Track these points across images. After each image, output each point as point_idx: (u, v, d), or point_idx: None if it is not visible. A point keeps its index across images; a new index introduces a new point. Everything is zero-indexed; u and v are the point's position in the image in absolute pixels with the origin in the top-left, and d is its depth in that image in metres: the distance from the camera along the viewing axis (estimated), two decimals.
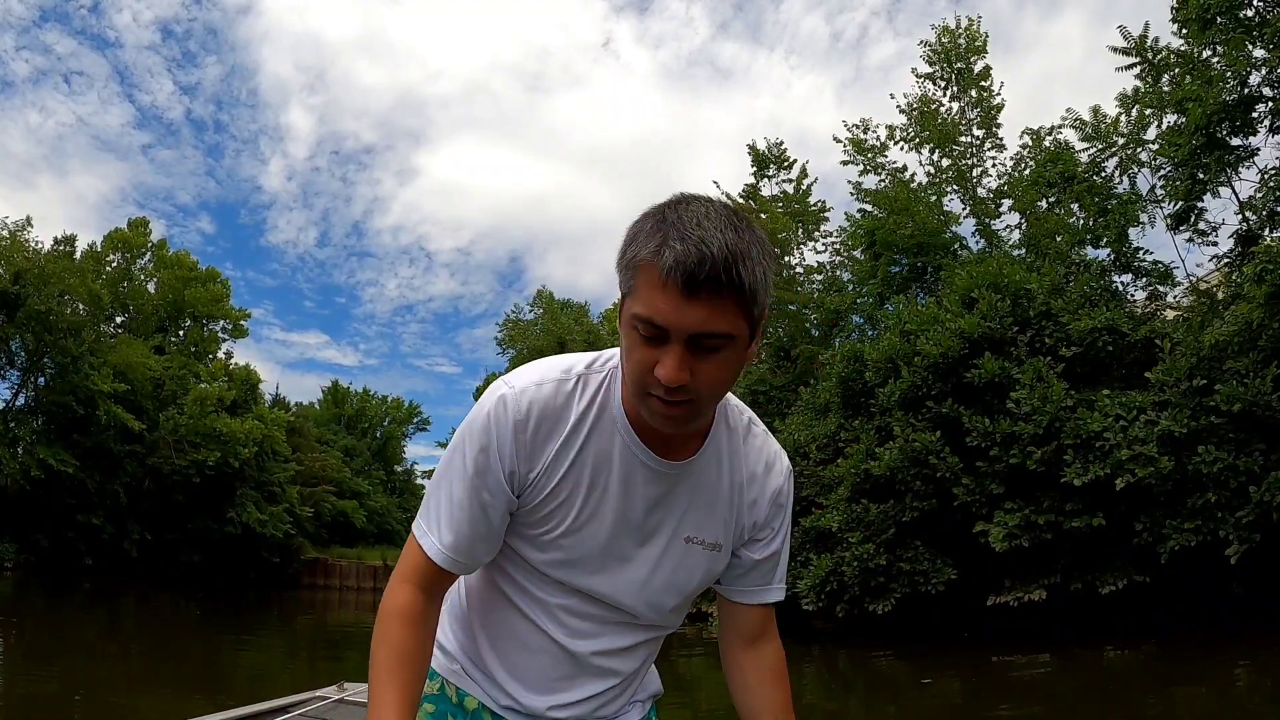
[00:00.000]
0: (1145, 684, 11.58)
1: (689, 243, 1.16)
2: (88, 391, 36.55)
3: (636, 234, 1.24)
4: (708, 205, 1.23)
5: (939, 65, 21.38)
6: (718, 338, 1.22)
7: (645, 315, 1.21)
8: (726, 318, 1.20)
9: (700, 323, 1.19)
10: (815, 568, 16.39)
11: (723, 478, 1.52)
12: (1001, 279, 16.17)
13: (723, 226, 1.18)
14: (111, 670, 13.88)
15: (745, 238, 1.19)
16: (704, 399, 1.29)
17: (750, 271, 1.18)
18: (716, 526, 1.53)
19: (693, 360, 1.23)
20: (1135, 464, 13.15)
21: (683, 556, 1.52)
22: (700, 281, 1.16)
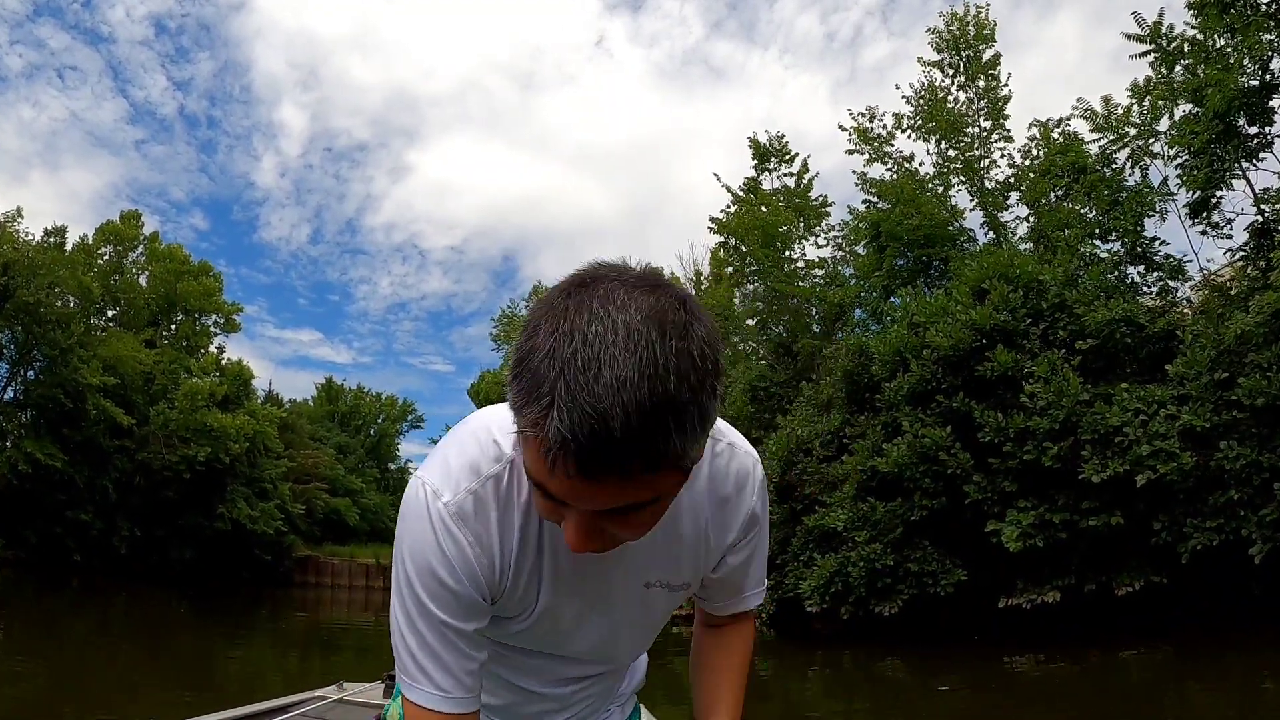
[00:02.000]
0: (1163, 688, 11.20)
1: (581, 408, 0.85)
2: (77, 385, 36.22)
3: (521, 362, 0.91)
4: (620, 314, 0.89)
5: (947, 52, 20.91)
6: (634, 508, 0.97)
7: (536, 480, 0.97)
8: (645, 488, 0.94)
9: (608, 500, 0.95)
10: (819, 568, 15.89)
11: (686, 517, 1.30)
12: (1013, 270, 15.69)
13: (636, 370, 0.85)
14: (101, 669, 13.62)
15: (672, 379, 0.87)
16: (645, 533, 1.07)
17: (679, 432, 0.89)
18: (682, 568, 1.36)
19: (605, 521, 1.00)
20: (1156, 460, 12.67)
21: (645, 602, 1.37)
22: (602, 465, 0.88)
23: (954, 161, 20.78)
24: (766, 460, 19.58)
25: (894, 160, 21.47)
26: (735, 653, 1.56)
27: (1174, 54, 17.16)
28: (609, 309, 0.89)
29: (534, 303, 0.98)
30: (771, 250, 25.00)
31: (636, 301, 0.90)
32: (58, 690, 11.07)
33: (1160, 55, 17.41)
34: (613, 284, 0.92)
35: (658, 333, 0.88)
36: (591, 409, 0.84)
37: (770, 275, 24.90)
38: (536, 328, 0.91)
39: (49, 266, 35.99)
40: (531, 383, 0.88)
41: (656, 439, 0.87)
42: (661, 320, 0.89)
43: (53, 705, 9.98)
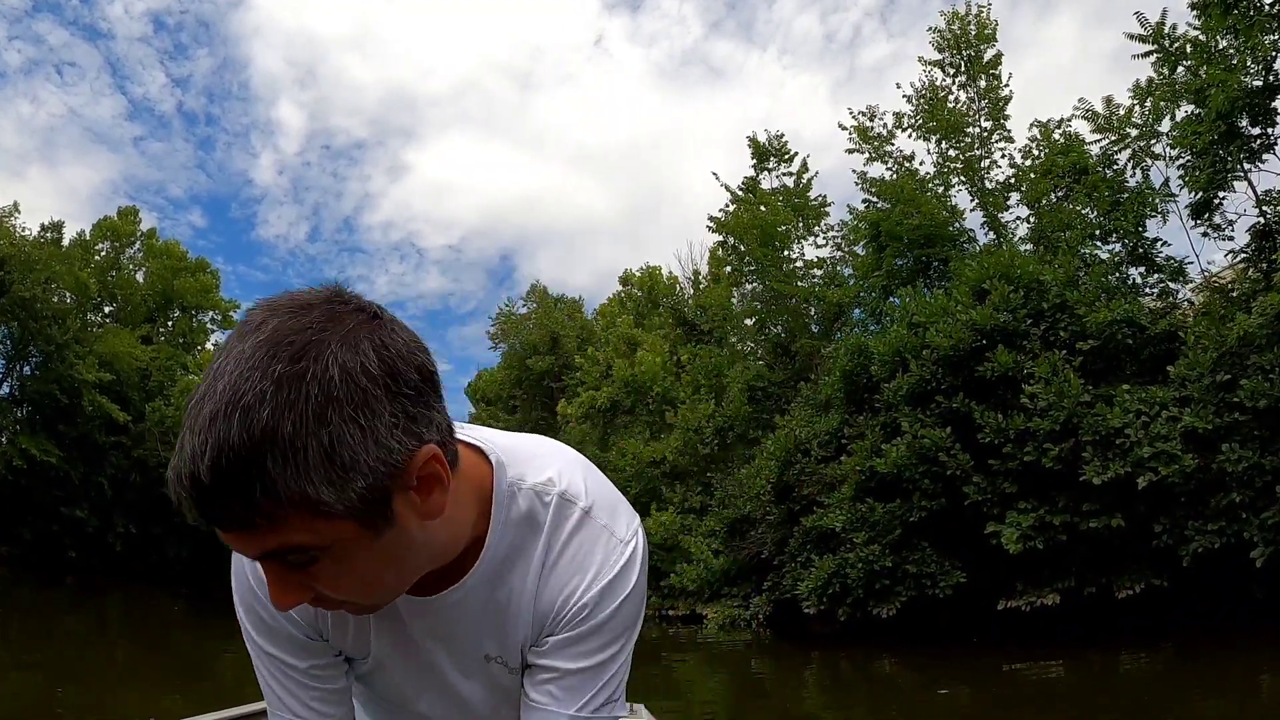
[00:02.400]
0: (1164, 691, 11.07)
1: (180, 455, 0.79)
2: (72, 381, 35.99)
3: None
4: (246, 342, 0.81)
5: (948, 51, 20.78)
6: (292, 552, 0.85)
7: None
8: (282, 534, 0.83)
9: (254, 547, 0.85)
10: (817, 569, 15.78)
11: (506, 582, 1.14)
12: (1014, 270, 15.58)
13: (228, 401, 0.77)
14: (96, 667, 13.61)
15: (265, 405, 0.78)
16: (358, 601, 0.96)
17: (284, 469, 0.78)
18: (513, 645, 1.18)
19: (296, 573, 0.88)
20: (1158, 462, 12.56)
21: (491, 678, 1.22)
22: (211, 510, 0.80)
23: (954, 161, 20.65)
24: (765, 460, 19.48)
25: (894, 159, 21.32)
26: None
27: (1176, 55, 17.07)
28: (239, 339, 0.82)
29: None
30: (770, 250, 24.89)
31: (272, 325, 0.82)
32: (53, 689, 10.97)
33: (1162, 56, 17.33)
34: (264, 311, 0.84)
35: (267, 357, 0.79)
36: (189, 448, 0.78)
37: (769, 275, 24.78)
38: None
39: (45, 262, 35.75)
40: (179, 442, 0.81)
41: (250, 479, 0.78)
42: (278, 343, 0.80)
43: (48, 704, 9.91)
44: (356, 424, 0.81)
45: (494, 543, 1.10)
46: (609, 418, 32.32)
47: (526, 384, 41.43)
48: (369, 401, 0.82)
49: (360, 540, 0.87)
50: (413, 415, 0.87)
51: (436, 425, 0.92)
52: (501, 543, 1.10)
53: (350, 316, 0.85)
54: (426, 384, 0.91)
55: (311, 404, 0.79)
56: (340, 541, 0.86)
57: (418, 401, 0.88)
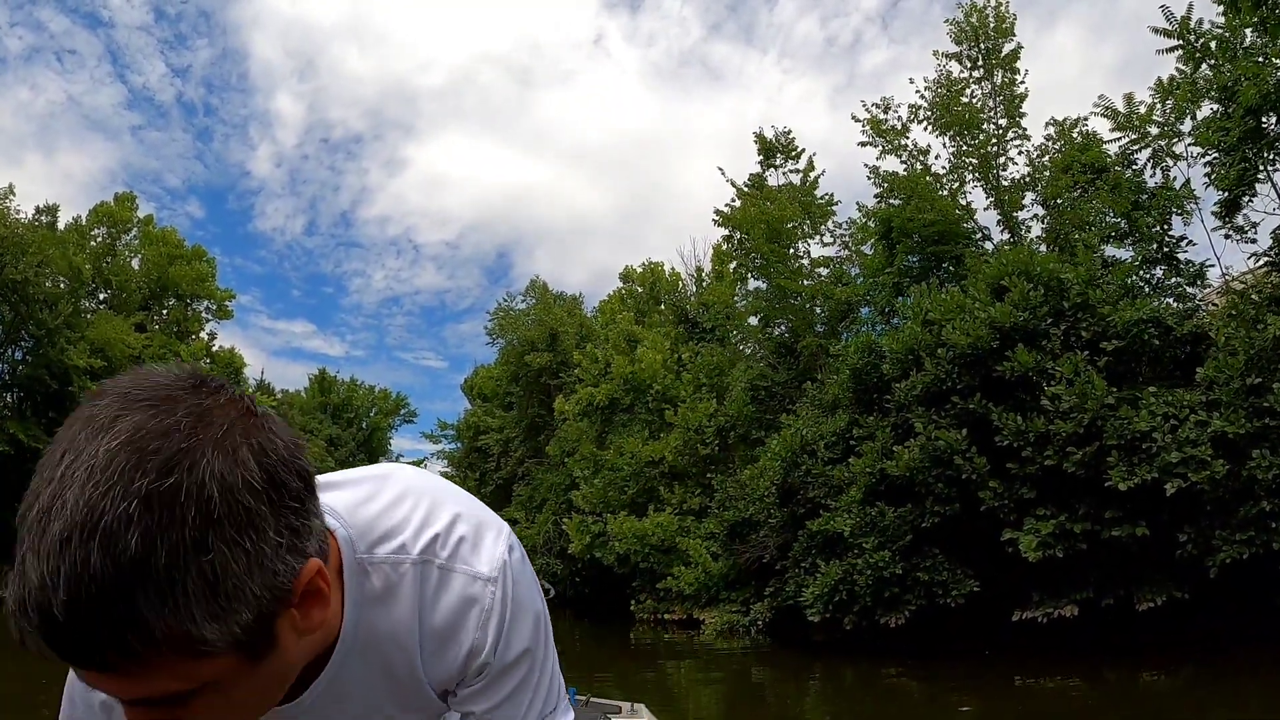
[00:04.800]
0: (1184, 708, 10.63)
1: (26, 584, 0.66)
2: (63, 366, 35.60)
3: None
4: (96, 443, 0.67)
5: (966, 44, 20.26)
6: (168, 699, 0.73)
7: None
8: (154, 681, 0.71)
9: (124, 692, 0.73)
10: (823, 576, 15.21)
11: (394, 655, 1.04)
12: (1033, 267, 15.00)
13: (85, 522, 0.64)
14: None
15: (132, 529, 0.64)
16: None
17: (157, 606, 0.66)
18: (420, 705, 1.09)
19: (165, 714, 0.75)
20: (1186, 467, 11.96)
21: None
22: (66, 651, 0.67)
23: (969, 156, 20.14)
24: (769, 461, 18.94)
25: (908, 153, 20.80)
26: None
27: (1201, 51, 16.60)
28: (89, 438, 0.67)
29: None
30: (776, 246, 24.38)
31: (126, 423, 0.68)
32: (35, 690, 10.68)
33: (1187, 51, 16.85)
34: (112, 399, 0.70)
35: (129, 468, 0.65)
36: (35, 576, 0.64)
37: (775, 271, 24.27)
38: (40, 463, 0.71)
39: (38, 245, 35.39)
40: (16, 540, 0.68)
41: (117, 618, 0.65)
42: (141, 449, 0.66)
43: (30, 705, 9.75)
44: (241, 548, 0.70)
45: (348, 631, 0.99)
46: (607, 415, 31.79)
47: (524, 380, 40.92)
48: (253, 521, 0.71)
49: (240, 671, 0.77)
50: (296, 529, 0.77)
51: (316, 534, 0.82)
52: (358, 627, 1.01)
53: (221, 414, 0.73)
54: (307, 490, 0.80)
55: (188, 528, 0.66)
56: (218, 678, 0.75)
57: (300, 513, 0.78)
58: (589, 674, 12.45)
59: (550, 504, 34.37)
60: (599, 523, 26.97)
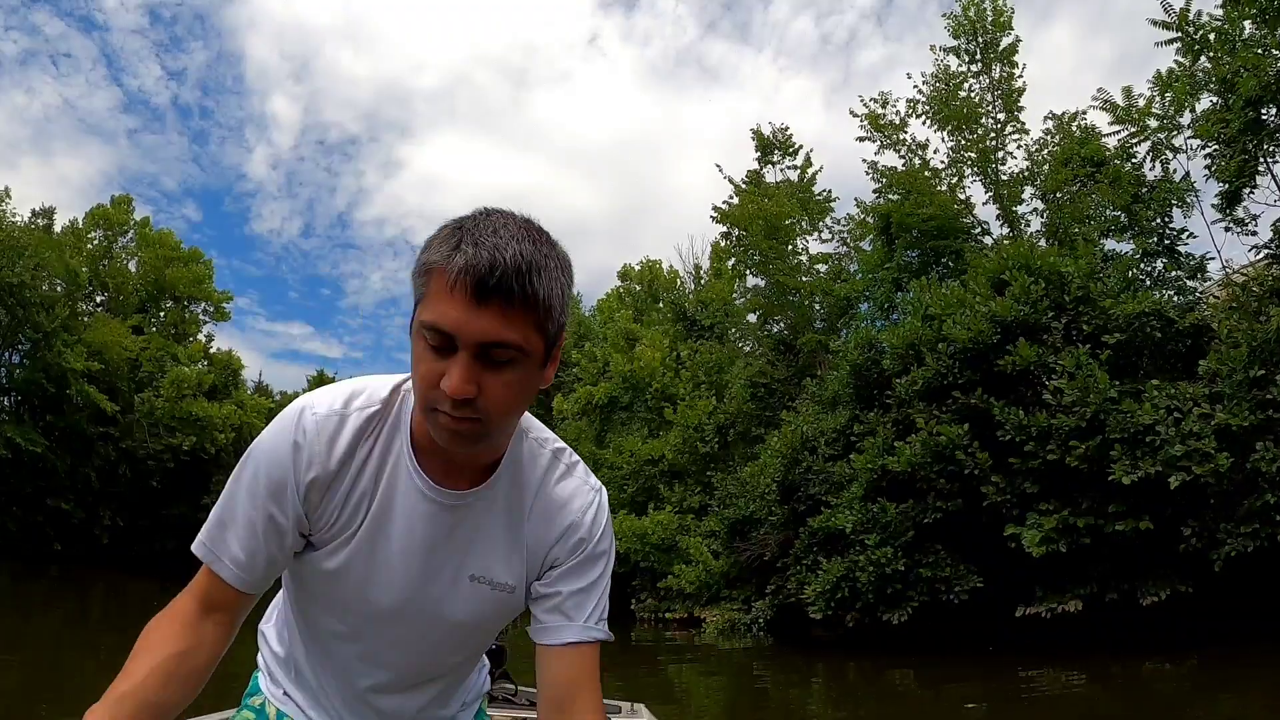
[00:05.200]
0: (1189, 703, 10.47)
1: (482, 248, 1.13)
2: (60, 370, 35.49)
3: (431, 241, 1.20)
4: (509, 217, 1.21)
5: (963, 37, 20.19)
6: (507, 348, 1.16)
7: (432, 322, 1.16)
8: (517, 328, 1.16)
9: (489, 331, 1.14)
10: (825, 573, 15.09)
11: (514, 512, 1.43)
12: (1034, 261, 14.91)
13: (520, 237, 1.16)
14: (79, 663, 13.00)
15: (543, 251, 1.18)
16: (492, 418, 1.21)
17: (545, 283, 1.16)
18: (508, 566, 1.43)
19: (481, 373, 1.17)
20: (1191, 460, 11.86)
21: (469, 597, 1.42)
22: (490, 288, 1.12)
23: (969, 149, 20.06)
24: (769, 458, 18.88)
25: (907, 147, 20.73)
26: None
27: (1200, 43, 16.52)
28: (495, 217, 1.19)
29: None
30: (775, 242, 24.31)
31: (517, 219, 1.20)
32: (33, 685, 10.69)
33: (1186, 44, 16.77)
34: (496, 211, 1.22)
35: (536, 230, 1.20)
36: (492, 245, 1.12)
37: (773, 268, 24.20)
38: (440, 230, 1.21)
39: (35, 248, 35.26)
40: (441, 237, 1.17)
41: (532, 277, 1.13)
42: (537, 228, 1.21)
43: (27, 701, 9.55)
44: (569, 288, 1.23)
45: (509, 462, 1.40)
46: (606, 414, 31.71)
47: None
48: (569, 282, 1.23)
49: (533, 360, 1.20)
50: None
51: None
52: (513, 464, 1.41)
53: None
54: None
55: (557, 260, 1.19)
56: (532, 354, 1.19)
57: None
58: None
59: None
60: None
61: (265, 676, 1.64)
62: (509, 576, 1.42)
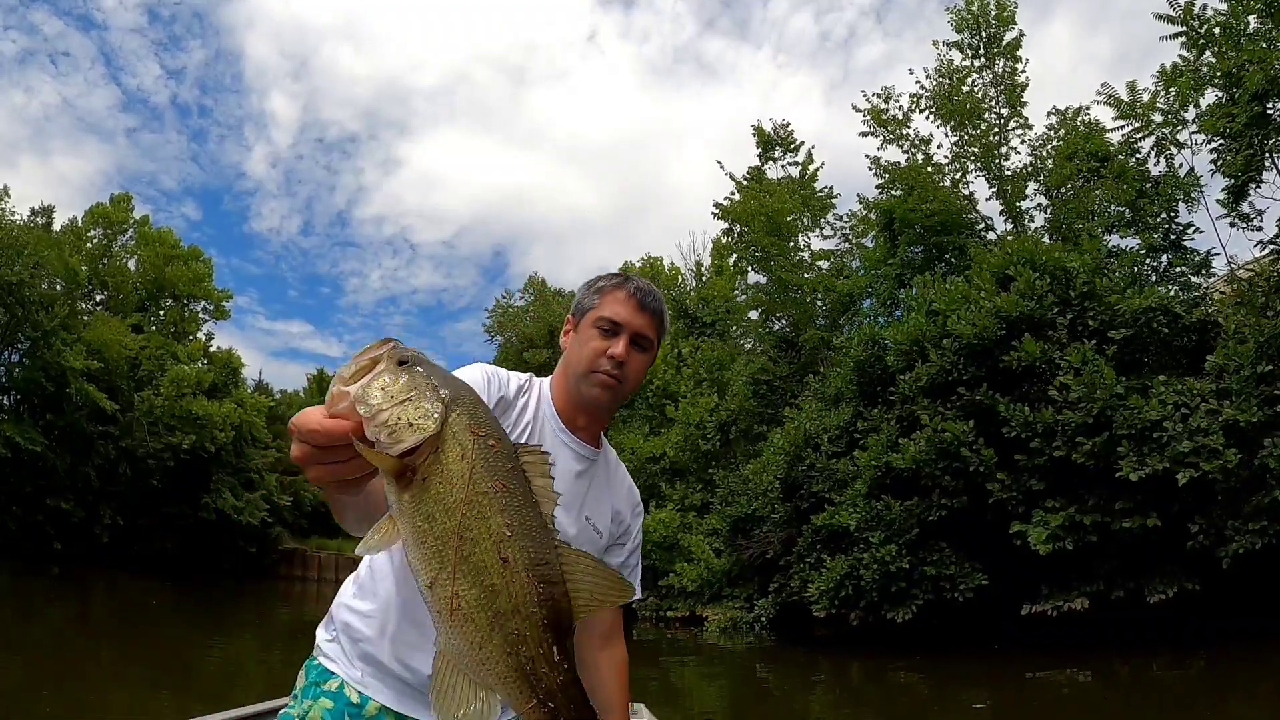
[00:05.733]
0: (1198, 702, 10.42)
1: (643, 285, 1.99)
2: (59, 368, 35.30)
3: (598, 279, 2.02)
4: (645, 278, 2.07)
5: (967, 32, 20.05)
6: (648, 339, 1.97)
7: (609, 316, 1.93)
8: (654, 331, 1.98)
9: (643, 326, 1.95)
10: (829, 571, 14.98)
11: (613, 475, 2.10)
12: (1039, 257, 14.78)
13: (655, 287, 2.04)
14: (80, 662, 13.17)
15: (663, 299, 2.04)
16: (628, 383, 1.94)
17: (666, 314, 2.02)
18: (605, 514, 2.04)
19: (630, 352, 1.93)
20: (1199, 457, 11.73)
21: (579, 532, 1.95)
22: (647, 304, 1.95)
23: (972, 144, 19.92)
24: (772, 455, 18.80)
25: (910, 143, 20.59)
26: (623, 672, 2.14)
27: (1205, 37, 16.41)
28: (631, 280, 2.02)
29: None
30: (777, 239, 24.19)
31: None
32: (33, 684, 10.68)
33: (1190, 38, 16.65)
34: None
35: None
36: (645, 285, 2.00)
37: (775, 264, 24.07)
38: (602, 275, 2.04)
39: (34, 246, 35.08)
40: (611, 277, 2.01)
41: (663, 307, 2.00)
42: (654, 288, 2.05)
43: (28, 700, 9.60)
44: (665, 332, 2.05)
45: (604, 441, 2.09)
46: None
47: None
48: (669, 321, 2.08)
49: (651, 357, 2.00)
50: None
51: None
52: (607, 440, 2.12)
53: None
54: None
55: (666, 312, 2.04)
56: (652, 351, 1.99)
57: None
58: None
59: None
60: None
61: (342, 660, 1.84)
62: (603, 524, 2.02)
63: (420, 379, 1.07)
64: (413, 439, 1.02)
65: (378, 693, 1.79)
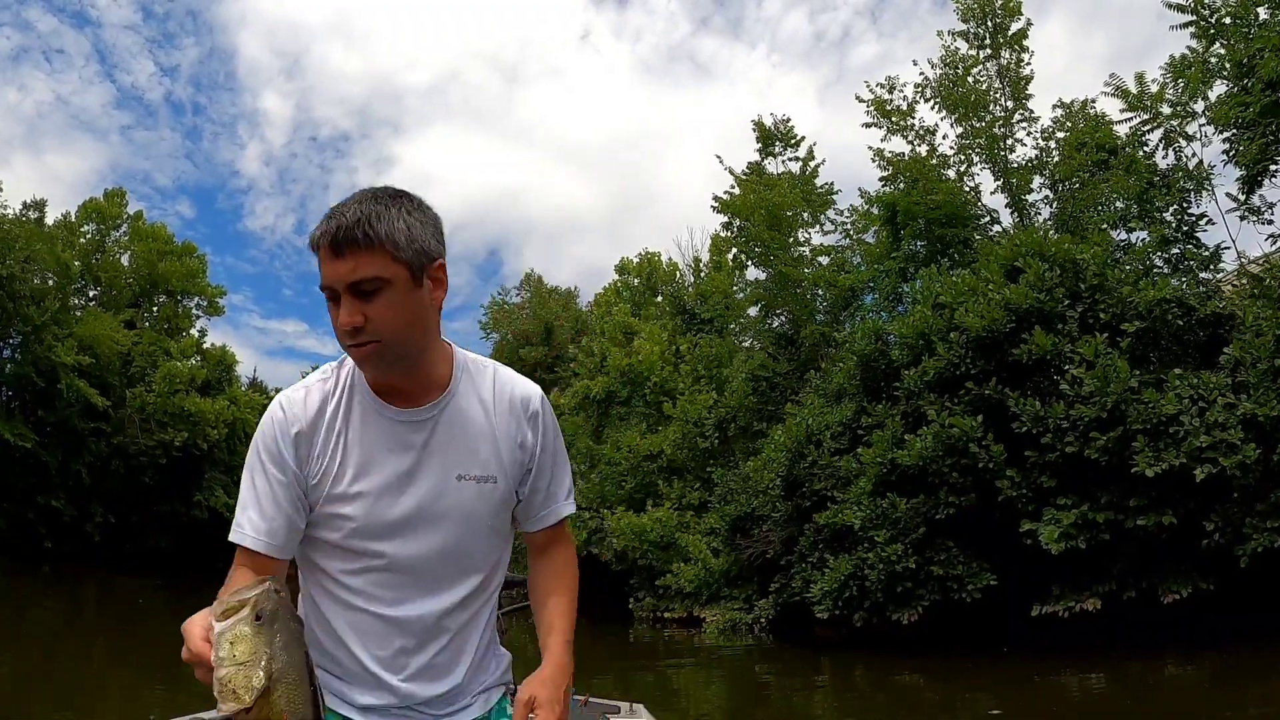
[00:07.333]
0: (1213, 704, 10.12)
1: (330, 218, 1.57)
2: (50, 363, 35.00)
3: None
4: (363, 191, 1.62)
5: (972, 21, 19.74)
6: (371, 281, 1.56)
7: (322, 280, 1.59)
8: (373, 265, 1.55)
9: (349, 273, 1.55)
10: (833, 571, 14.62)
11: (479, 416, 1.77)
12: (1048, 248, 14.44)
13: (363, 200, 1.58)
14: (72, 660, 13.27)
15: (383, 204, 1.58)
16: (387, 338, 1.59)
17: (385, 225, 1.55)
18: (485, 460, 1.75)
19: (362, 306, 1.56)
20: (1216, 452, 11.39)
21: (458, 494, 1.72)
22: (340, 241, 1.54)
23: (978, 135, 19.60)
24: (773, 452, 18.45)
25: (915, 133, 20.27)
26: (563, 575, 1.94)
27: (1216, 27, 16.12)
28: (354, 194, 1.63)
29: None
30: (777, 234, 23.86)
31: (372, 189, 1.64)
32: (24, 683, 10.72)
33: (1201, 28, 16.37)
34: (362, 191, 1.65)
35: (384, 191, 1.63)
36: (338, 213, 1.58)
37: (776, 259, 23.74)
38: None
39: (26, 240, 34.80)
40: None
41: (369, 225, 1.54)
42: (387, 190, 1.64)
43: (19, 699, 9.61)
44: (420, 220, 1.62)
45: (459, 378, 1.78)
46: (604, 409, 31.20)
47: None
48: (423, 219, 1.64)
49: (400, 284, 1.58)
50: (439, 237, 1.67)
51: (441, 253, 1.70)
52: (465, 379, 1.79)
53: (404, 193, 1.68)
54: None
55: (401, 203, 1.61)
56: (396, 280, 1.57)
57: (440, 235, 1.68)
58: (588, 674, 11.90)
59: None
60: (596, 518, 26.40)
61: None
62: (489, 469, 1.75)
63: (262, 645, 1.21)
64: (229, 708, 1.20)
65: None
